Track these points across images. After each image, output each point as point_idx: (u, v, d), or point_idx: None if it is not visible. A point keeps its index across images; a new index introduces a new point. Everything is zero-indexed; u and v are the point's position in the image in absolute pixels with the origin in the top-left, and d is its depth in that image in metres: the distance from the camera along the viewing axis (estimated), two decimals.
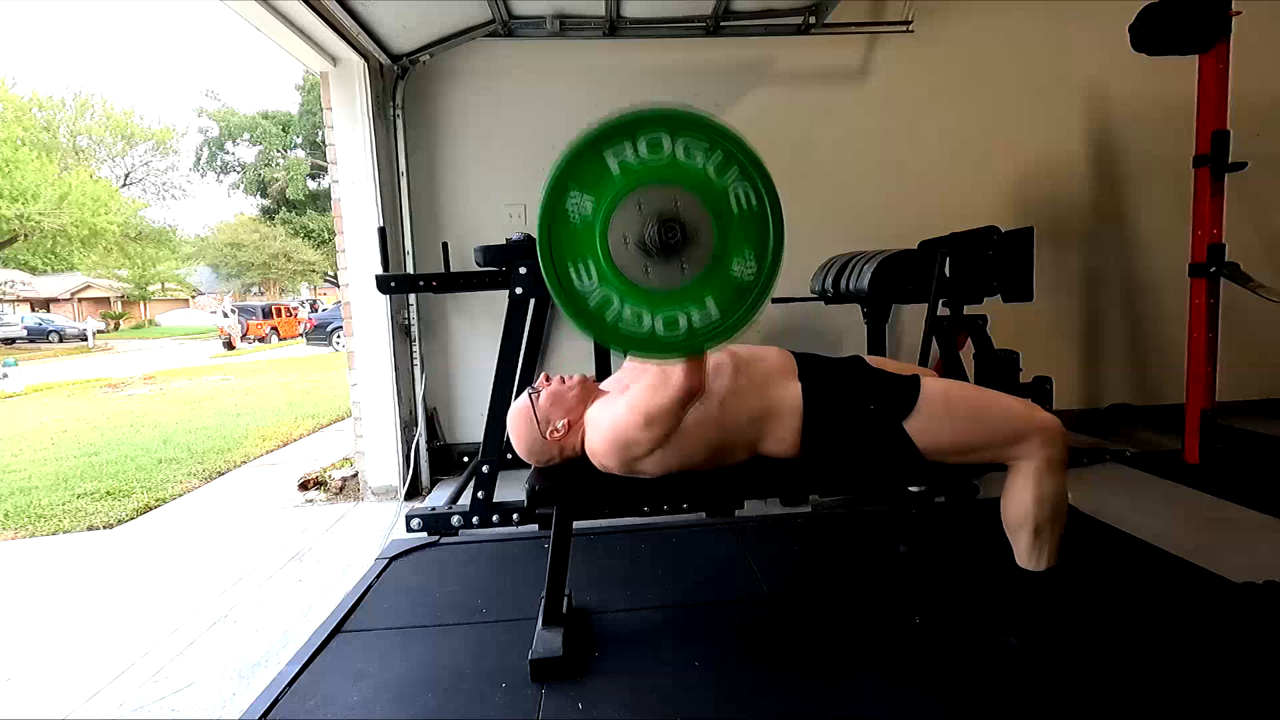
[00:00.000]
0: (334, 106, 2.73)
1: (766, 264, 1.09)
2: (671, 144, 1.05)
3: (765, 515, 2.23)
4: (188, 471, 3.77)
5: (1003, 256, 2.22)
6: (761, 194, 1.08)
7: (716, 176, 1.07)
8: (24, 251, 21.39)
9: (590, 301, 1.07)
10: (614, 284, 1.07)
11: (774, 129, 3.12)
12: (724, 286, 1.09)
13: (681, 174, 1.06)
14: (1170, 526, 2.07)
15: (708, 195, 1.06)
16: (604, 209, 1.05)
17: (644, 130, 1.04)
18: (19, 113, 18.78)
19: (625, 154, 1.04)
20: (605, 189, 1.05)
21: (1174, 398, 2.99)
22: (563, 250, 1.06)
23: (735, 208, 1.07)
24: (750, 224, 1.08)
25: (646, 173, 1.05)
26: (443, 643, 1.56)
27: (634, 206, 1.05)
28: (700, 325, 1.09)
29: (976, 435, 1.34)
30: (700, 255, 1.07)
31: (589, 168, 1.04)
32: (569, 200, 1.05)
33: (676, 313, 1.09)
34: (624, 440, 1.32)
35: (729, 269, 1.08)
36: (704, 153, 1.06)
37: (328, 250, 21.72)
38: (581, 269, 1.06)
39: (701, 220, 1.07)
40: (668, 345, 1.10)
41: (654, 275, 1.07)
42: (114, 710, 1.46)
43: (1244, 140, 2.57)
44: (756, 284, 1.09)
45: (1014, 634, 1.39)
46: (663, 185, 1.05)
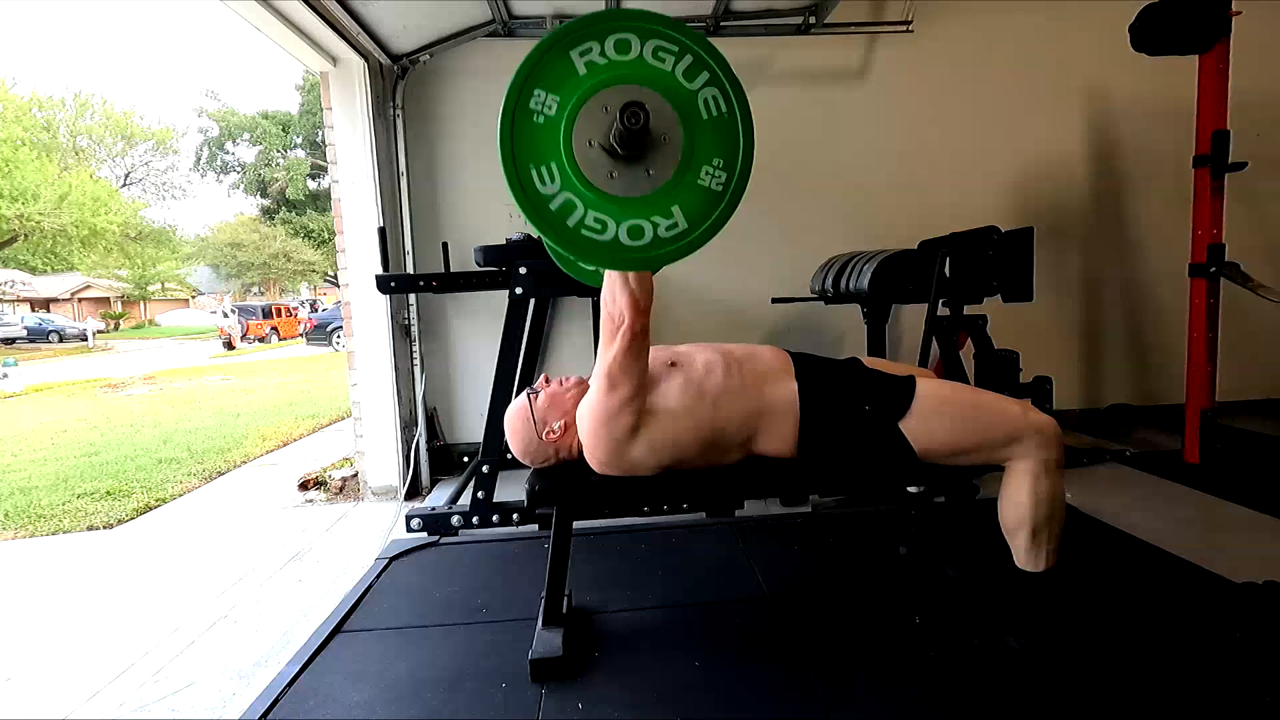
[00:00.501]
0: (334, 106, 2.73)
1: (736, 172, 1.06)
2: (640, 46, 1.02)
3: (765, 515, 2.23)
4: (187, 471, 3.77)
5: (1003, 256, 2.22)
6: (731, 100, 1.04)
7: (686, 81, 1.03)
8: (24, 251, 21.37)
9: (552, 205, 1.03)
10: (577, 188, 1.03)
11: (774, 129, 3.09)
12: (692, 195, 1.05)
13: (650, 76, 1.02)
14: (1170, 526, 2.07)
15: (676, 100, 1.03)
16: (569, 109, 1.01)
17: (613, 30, 1.01)
18: (19, 113, 18.76)
19: (592, 54, 1.01)
20: (571, 89, 1.01)
21: (1174, 398, 2.99)
22: (525, 150, 1.01)
23: (704, 113, 1.04)
24: (720, 131, 1.05)
25: (613, 74, 1.01)
26: (443, 643, 1.56)
27: (599, 108, 1.01)
28: (666, 234, 1.05)
29: (971, 436, 1.34)
30: (667, 161, 1.03)
31: (555, 66, 1.01)
32: (533, 99, 1.01)
33: (642, 221, 1.05)
34: (600, 416, 1.29)
35: (697, 177, 1.05)
36: (674, 56, 1.02)
37: (328, 250, 21.72)
38: (544, 171, 1.02)
39: (669, 125, 1.03)
40: (630, 254, 1.05)
41: (619, 180, 1.03)
42: (114, 710, 1.46)
43: (1244, 140, 2.57)
44: (726, 193, 1.06)
45: (1013, 634, 1.39)
46: (630, 87, 1.01)
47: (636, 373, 1.26)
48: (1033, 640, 1.37)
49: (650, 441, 1.31)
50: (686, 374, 1.37)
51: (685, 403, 1.33)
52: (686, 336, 1.57)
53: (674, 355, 1.43)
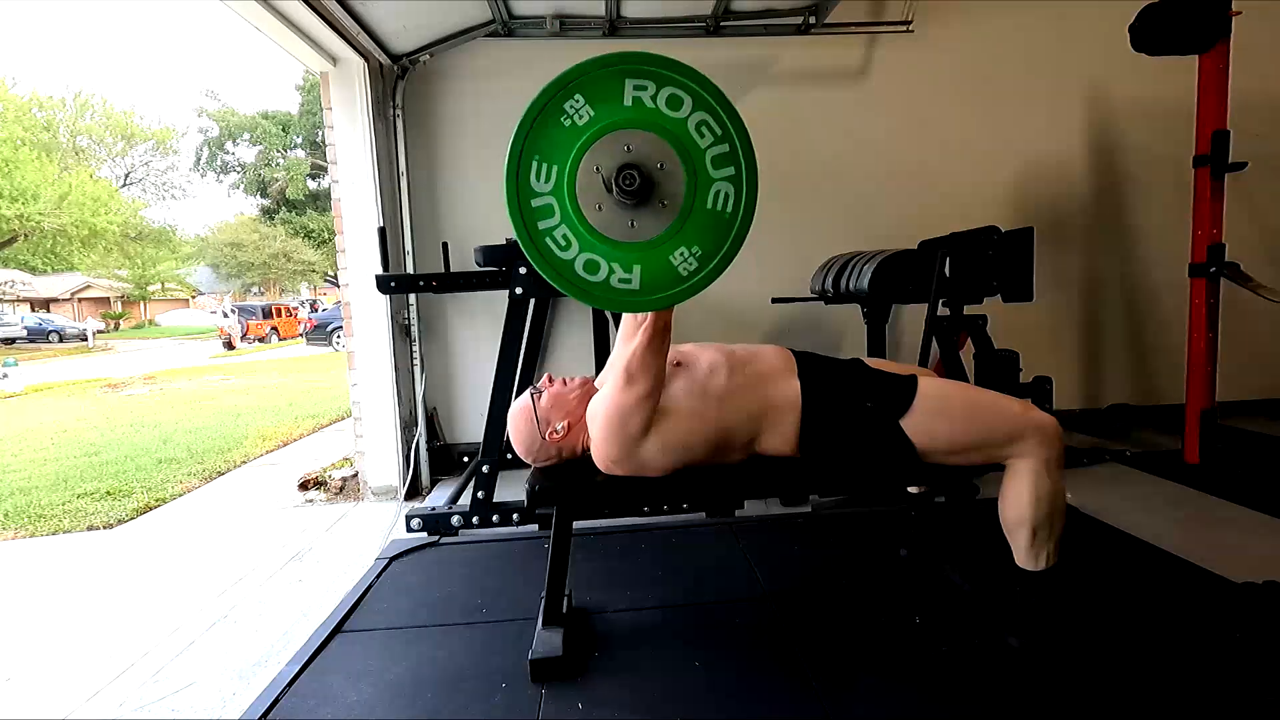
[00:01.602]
0: (334, 106, 2.73)
1: (708, 268, 1.07)
2: (691, 110, 1.03)
3: (765, 515, 2.23)
4: (188, 471, 3.77)
5: (1003, 256, 2.22)
6: (740, 206, 1.06)
7: (712, 166, 1.05)
8: (24, 251, 21.38)
9: (534, 201, 1.04)
10: (564, 200, 1.04)
11: (774, 129, 3.11)
12: (658, 266, 1.06)
13: (680, 142, 1.03)
14: (1170, 526, 2.07)
15: (692, 177, 1.04)
16: (596, 128, 1.02)
17: (673, 84, 1.02)
18: (19, 113, 18.77)
19: (645, 93, 1.02)
20: (609, 113, 1.02)
21: (1174, 398, 2.99)
22: (538, 141, 1.02)
23: (710, 203, 1.05)
24: (715, 226, 1.06)
25: (652, 122, 1.03)
26: (443, 643, 1.56)
27: (622, 145, 1.02)
28: (618, 285, 1.07)
29: (973, 434, 1.35)
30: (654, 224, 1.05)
31: (606, 84, 1.02)
32: (570, 101, 1.02)
33: (602, 261, 1.06)
34: (616, 411, 1.29)
35: (671, 253, 1.06)
36: (713, 136, 1.04)
37: (328, 250, 21.72)
38: (544, 168, 1.03)
39: (674, 196, 1.04)
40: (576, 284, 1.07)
41: (603, 215, 1.05)
42: (114, 710, 1.46)
43: (1244, 140, 2.57)
44: (690, 280, 1.07)
45: (1013, 634, 1.39)
46: (660, 141, 1.03)
47: (656, 369, 1.26)
48: (1032, 639, 1.37)
49: (662, 442, 1.31)
50: (691, 374, 1.37)
51: (692, 404, 1.33)
52: (687, 336, 1.57)
53: (678, 355, 1.43)
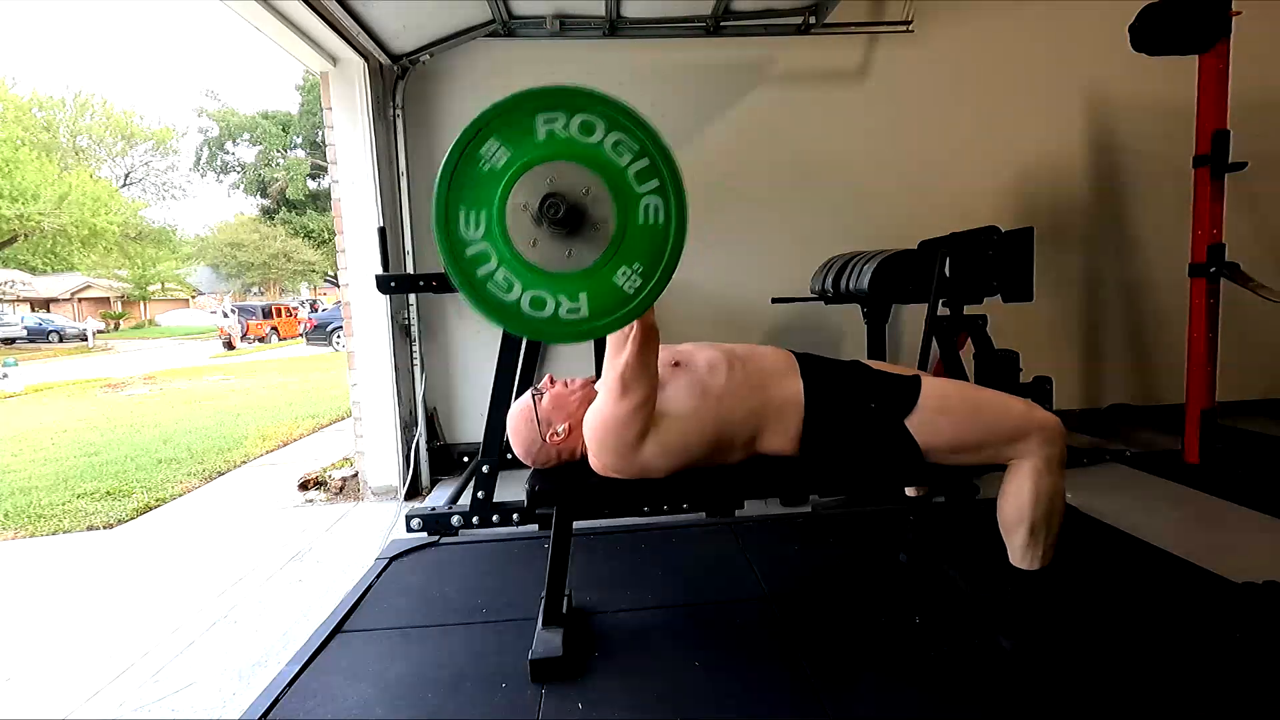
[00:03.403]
0: (334, 106, 2.73)
1: (653, 281, 1.07)
2: (604, 134, 1.03)
3: (765, 515, 2.23)
4: (188, 471, 3.77)
5: (1003, 256, 2.22)
6: (672, 214, 1.05)
7: (636, 182, 1.04)
8: (24, 251, 21.38)
9: (468, 250, 1.04)
10: (498, 243, 1.04)
11: (774, 129, 3.12)
12: (603, 289, 1.06)
13: (601, 165, 1.03)
14: (1170, 526, 2.07)
15: (620, 196, 1.04)
16: (515, 168, 1.02)
17: (583, 110, 1.02)
18: (19, 113, 18.80)
19: (556, 124, 1.02)
20: (524, 150, 1.02)
21: (1174, 398, 2.99)
22: (460, 192, 1.03)
23: (642, 218, 1.05)
24: (651, 239, 1.06)
25: (569, 151, 1.03)
26: (443, 643, 1.56)
27: (545, 178, 1.02)
28: (566, 316, 1.06)
29: (976, 433, 1.35)
30: (591, 249, 1.05)
31: (517, 122, 1.02)
32: (485, 146, 1.02)
33: (547, 295, 1.06)
34: (612, 423, 1.28)
35: (614, 273, 1.06)
36: (631, 155, 1.04)
37: (328, 250, 21.74)
38: (472, 216, 1.03)
39: (605, 216, 1.04)
40: (525, 323, 1.07)
41: (539, 250, 1.04)
42: (114, 710, 1.46)
43: (1244, 140, 2.57)
44: (636, 296, 1.07)
45: (1006, 634, 1.39)
46: (581, 168, 1.03)
47: (650, 376, 1.26)
48: (1025, 639, 1.37)
49: (662, 444, 1.30)
50: (690, 374, 1.37)
51: (692, 403, 1.33)
52: (687, 336, 1.57)
53: (676, 355, 1.43)
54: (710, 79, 3.10)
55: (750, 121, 3.10)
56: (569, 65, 3.06)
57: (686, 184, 1.05)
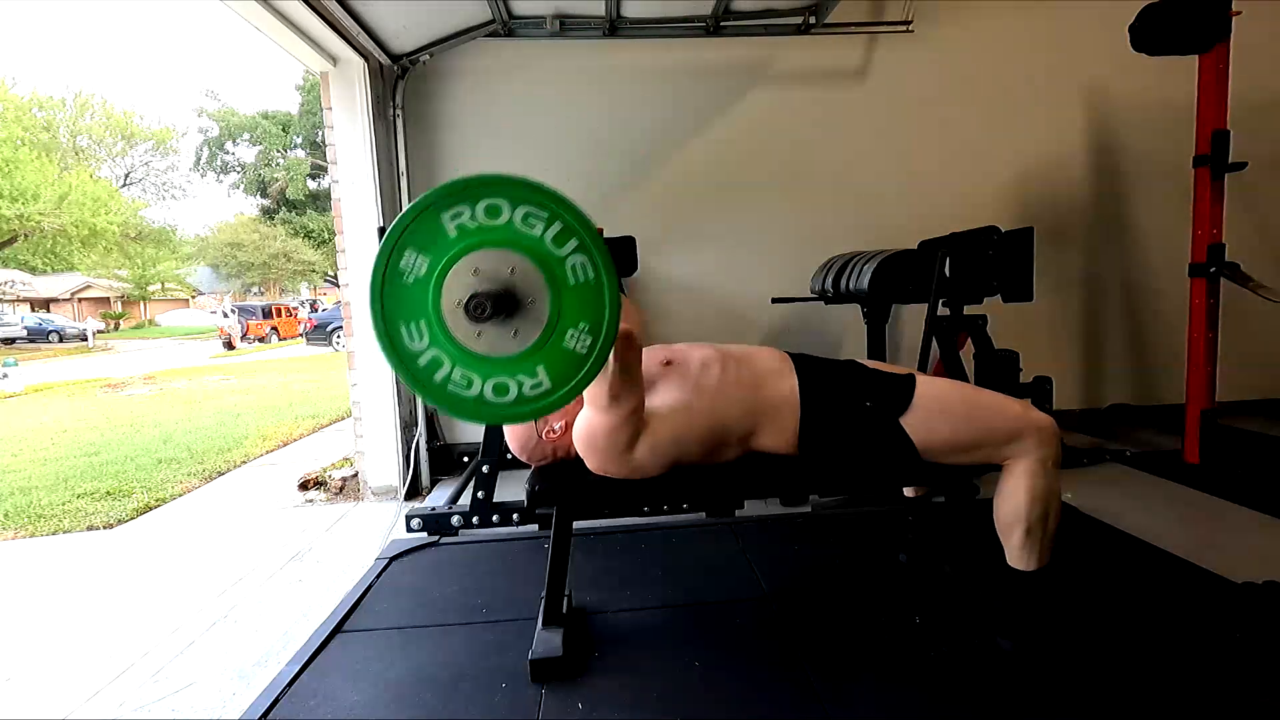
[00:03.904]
0: (334, 106, 2.73)
1: (601, 335, 1.08)
2: (511, 212, 1.05)
3: (765, 515, 2.23)
4: (188, 471, 3.77)
5: (1003, 256, 2.22)
6: (598, 267, 1.07)
7: (555, 247, 1.06)
8: (24, 251, 21.39)
9: (420, 360, 1.06)
10: (445, 345, 1.06)
11: (774, 129, 3.12)
12: (557, 356, 1.08)
13: (519, 242, 1.05)
14: (1170, 526, 2.07)
15: (544, 265, 1.06)
16: (438, 270, 1.04)
17: (484, 196, 1.04)
18: (19, 113, 18.79)
19: (463, 218, 1.04)
20: (441, 251, 1.04)
21: (1174, 398, 2.99)
22: (395, 309, 1.05)
23: (572, 278, 1.07)
24: (586, 296, 1.07)
25: (482, 238, 1.05)
26: (443, 643, 1.56)
27: (469, 270, 1.04)
28: (531, 393, 1.08)
29: (971, 433, 1.35)
30: (534, 323, 1.07)
31: (426, 228, 1.04)
32: (404, 259, 1.04)
33: (507, 379, 1.08)
34: (603, 434, 1.28)
35: (563, 339, 1.08)
36: (543, 223, 1.05)
37: (328, 250, 21.74)
38: (413, 328, 1.05)
39: (537, 289, 1.06)
40: (494, 413, 1.09)
41: (485, 339, 1.06)
42: (114, 710, 1.46)
43: (1244, 140, 2.57)
44: (590, 355, 1.09)
45: (1005, 635, 1.39)
46: (500, 251, 1.05)
47: (637, 385, 1.25)
48: (1024, 640, 1.37)
49: (653, 443, 1.30)
50: (683, 371, 1.37)
51: (683, 398, 1.33)
52: (686, 336, 1.57)
53: (669, 354, 1.43)
54: (710, 79, 3.10)
55: (750, 121, 3.10)
56: (569, 65, 3.06)
57: (687, 183, 1.06)
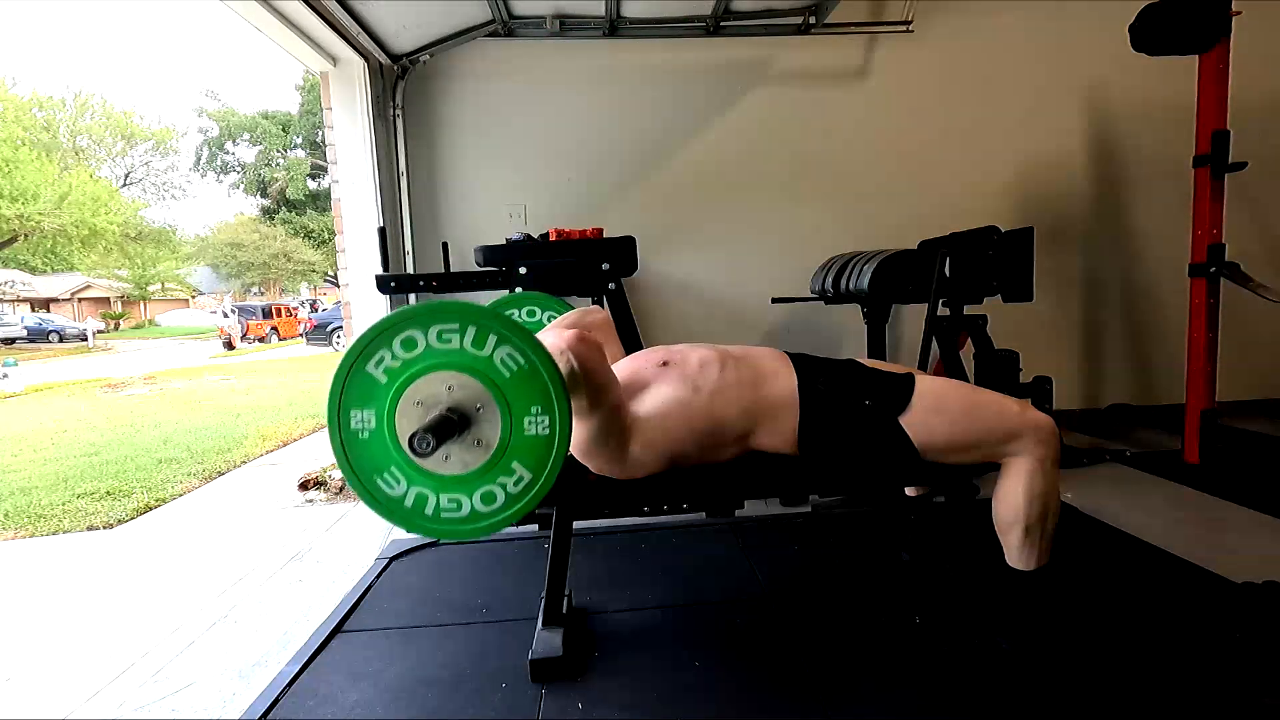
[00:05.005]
0: (334, 106, 2.73)
1: (556, 412, 1.10)
2: (425, 336, 1.07)
3: (765, 515, 2.23)
4: (188, 471, 3.77)
5: (1003, 256, 2.22)
6: (526, 351, 1.09)
7: (476, 350, 1.08)
8: (24, 251, 21.39)
9: (406, 502, 1.09)
10: (421, 481, 1.09)
11: (774, 129, 3.12)
12: (525, 447, 1.10)
13: (444, 359, 1.08)
14: (1170, 526, 2.07)
15: (476, 370, 1.08)
16: (385, 417, 1.07)
17: (395, 333, 1.06)
18: (19, 113, 18.78)
19: (385, 361, 1.07)
20: (380, 398, 1.07)
21: (1174, 398, 2.99)
22: (363, 465, 1.08)
23: (506, 371, 1.09)
24: (526, 382, 1.09)
25: (410, 371, 1.07)
26: (443, 643, 1.56)
27: (412, 404, 1.07)
28: (516, 489, 1.11)
29: (970, 432, 1.35)
30: (491, 426, 1.09)
31: (359, 384, 1.07)
32: (353, 420, 1.07)
33: (490, 486, 1.11)
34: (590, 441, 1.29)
35: (522, 430, 1.10)
36: (457, 334, 1.08)
37: (328, 250, 21.73)
38: (388, 477, 1.09)
39: (479, 395, 1.08)
40: (489, 521, 1.12)
41: (455, 459, 1.09)
42: (114, 710, 1.46)
43: (1244, 140, 2.57)
44: (554, 434, 1.11)
45: (1004, 635, 1.39)
46: (432, 375, 1.07)
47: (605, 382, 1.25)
48: (1023, 640, 1.37)
49: (647, 441, 1.30)
50: (681, 370, 1.37)
51: (680, 396, 1.33)
52: (686, 336, 1.57)
53: (668, 355, 1.43)
54: (710, 79, 3.10)
55: (750, 121, 3.10)
56: (569, 65, 3.06)
57: (687, 183, 1.06)
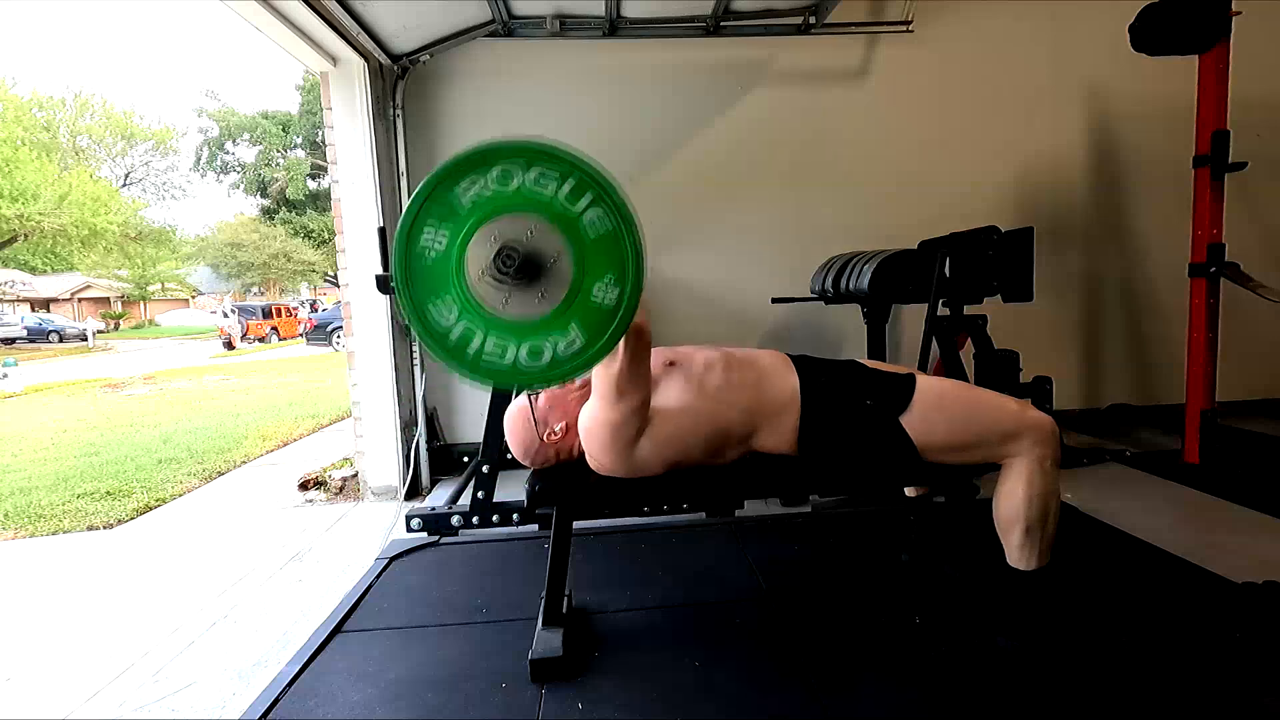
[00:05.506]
0: (334, 106, 2.73)
1: (628, 287, 1.08)
2: (523, 175, 1.05)
3: (765, 515, 2.23)
4: (188, 471, 3.77)
5: (1003, 256, 2.22)
6: (616, 218, 1.07)
7: (569, 204, 1.06)
8: (24, 251, 21.40)
9: (452, 336, 1.07)
10: (474, 317, 1.06)
11: (774, 129, 3.12)
12: (587, 312, 1.08)
13: (533, 203, 1.06)
14: (1170, 526, 2.07)
15: (562, 224, 1.06)
16: (458, 243, 1.05)
17: (494, 163, 1.05)
18: (19, 113, 18.76)
19: (475, 188, 1.05)
20: (459, 223, 1.05)
21: (1174, 398, 2.99)
22: (421, 288, 1.06)
23: (590, 233, 1.07)
24: (607, 249, 1.08)
25: (497, 205, 1.05)
26: (443, 643, 1.56)
27: (488, 239, 1.05)
28: (565, 353, 1.08)
29: (970, 432, 1.35)
30: (559, 283, 1.07)
31: (441, 203, 1.05)
32: (423, 237, 1.05)
33: (540, 341, 1.08)
34: (608, 429, 1.28)
35: (590, 295, 1.08)
36: (555, 182, 1.06)
37: (328, 250, 21.72)
38: (441, 305, 1.06)
39: (557, 249, 1.06)
40: (530, 375, 1.09)
41: (514, 305, 1.06)
42: (114, 710, 1.46)
43: (1244, 140, 2.57)
44: (619, 307, 1.09)
45: (1004, 635, 1.39)
46: (516, 216, 1.05)
47: (645, 378, 1.26)
48: (1024, 640, 1.37)
49: (654, 441, 1.30)
50: (686, 371, 1.37)
51: (685, 399, 1.33)
52: (687, 337, 1.58)
53: (673, 355, 1.43)
54: (710, 79, 3.10)
55: (750, 121, 3.10)
56: (569, 65, 3.06)
57: (687, 183, 1.06)
